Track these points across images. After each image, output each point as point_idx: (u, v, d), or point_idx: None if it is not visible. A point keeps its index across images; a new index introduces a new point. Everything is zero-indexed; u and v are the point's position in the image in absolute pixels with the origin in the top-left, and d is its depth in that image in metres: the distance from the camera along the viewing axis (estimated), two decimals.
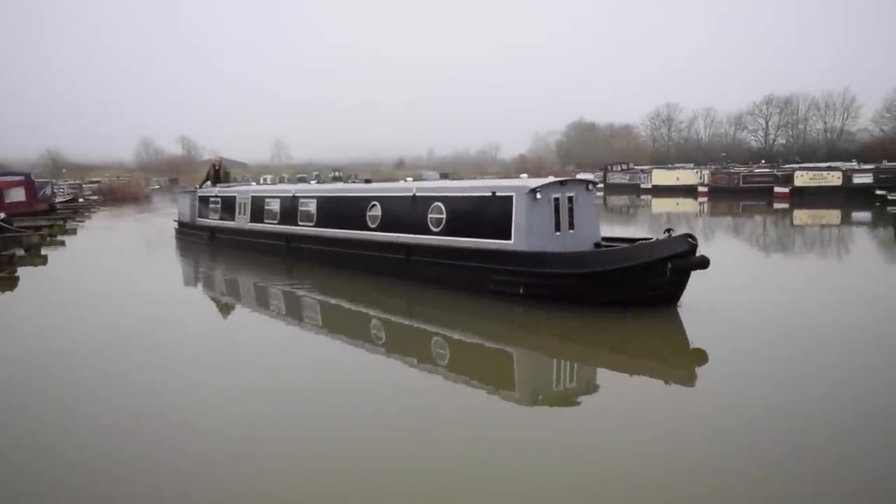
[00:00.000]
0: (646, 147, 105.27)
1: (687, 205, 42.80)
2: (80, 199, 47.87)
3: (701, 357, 8.68)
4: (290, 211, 17.25)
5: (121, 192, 58.11)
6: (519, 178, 13.71)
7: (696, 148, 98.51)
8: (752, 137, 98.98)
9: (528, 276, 11.06)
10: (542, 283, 10.95)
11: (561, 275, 10.78)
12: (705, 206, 42.05)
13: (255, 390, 7.61)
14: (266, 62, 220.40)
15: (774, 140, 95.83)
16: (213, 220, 21.06)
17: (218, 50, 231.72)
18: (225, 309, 13.29)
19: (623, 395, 7.43)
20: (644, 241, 10.91)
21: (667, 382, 7.86)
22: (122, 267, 18.01)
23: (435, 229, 12.81)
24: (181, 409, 6.99)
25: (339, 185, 20.09)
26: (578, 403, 7.32)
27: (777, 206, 39.54)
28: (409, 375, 8.36)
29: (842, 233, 26.47)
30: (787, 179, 45.23)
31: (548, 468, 5.48)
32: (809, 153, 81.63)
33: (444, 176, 78.20)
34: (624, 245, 11.34)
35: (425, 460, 5.77)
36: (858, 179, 42.53)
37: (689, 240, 10.02)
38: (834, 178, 43.43)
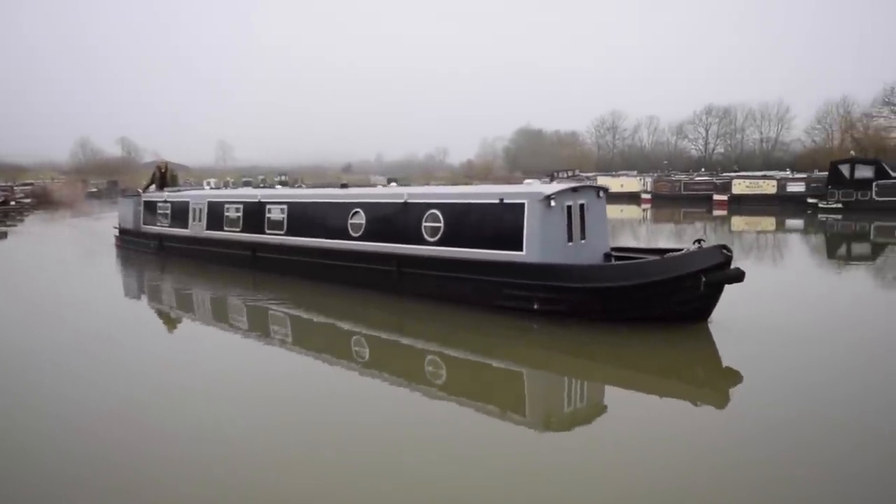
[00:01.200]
0: (591, 154, 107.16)
1: (631, 211, 43.73)
2: (12, 202, 46.02)
3: (734, 377, 8.02)
4: (255, 218, 15.80)
5: (56, 194, 56.13)
6: (525, 183, 13.20)
7: (639, 156, 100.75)
8: (693, 146, 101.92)
9: (544, 290, 10.16)
10: (561, 297, 10.06)
11: (584, 289, 9.89)
12: (648, 212, 43.07)
13: (226, 398, 7.32)
14: (211, 63, 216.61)
15: (714, 149, 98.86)
16: (162, 228, 19.25)
17: (161, 49, 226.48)
18: (187, 322, 12.08)
19: (645, 415, 6.80)
20: (674, 253, 10.07)
21: (696, 404, 7.26)
22: (61, 274, 17.19)
23: (431, 239, 11.77)
24: (155, 414, 6.81)
25: (312, 190, 18.74)
26: (598, 425, 6.69)
27: (716, 212, 40.71)
28: (402, 392, 7.71)
29: (809, 239, 27.43)
30: (726, 187, 46.67)
31: (557, 494, 5.06)
32: (746, 162, 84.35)
33: (391, 181, 78.07)
34: (651, 257, 10.58)
35: (413, 476, 5.37)
36: (792, 188, 44.15)
37: (724, 251, 9.40)
38: (769, 187, 45.04)
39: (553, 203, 10.52)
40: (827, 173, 41.21)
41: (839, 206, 37.57)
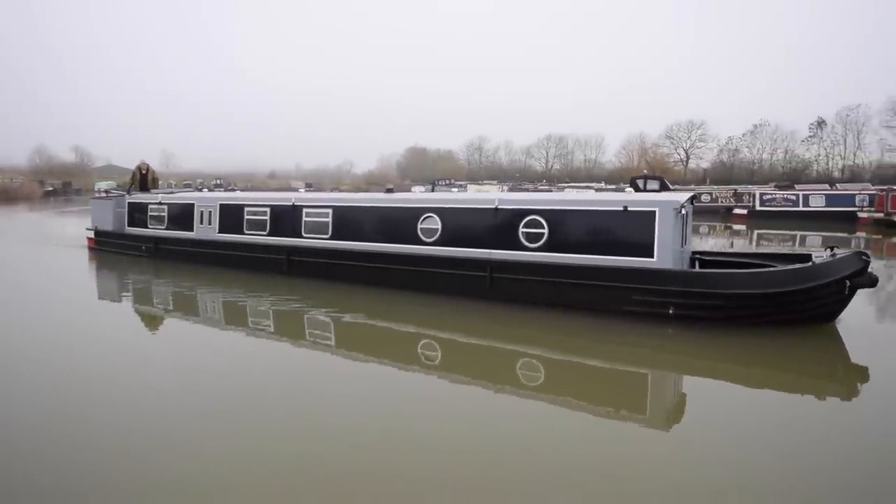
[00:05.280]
0: (463, 168, 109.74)
1: None
2: None
3: (864, 374, 6.61)
4: (288, 221, 12.42)
5: (14, 193, 50.60)
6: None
7: (499, 170, 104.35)
8: (538, 163, 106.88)
9: (681, 295, 8.28)
10: (701, 303, 8.21)
11: (733, 295, 8.08)
12: None
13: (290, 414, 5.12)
14: (156, 75, 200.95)
15: (552, 166, 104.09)
16: (156, 230, 14.97)
17: (111, 62, 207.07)
18: (232, 330, 8.33)
19: (792, 413, 5.40)
20: (819, 260, 8.37)
21: (820, 397, 5.94)
22: (51, 272, 13.24)
23: (531, 245, 9.44)
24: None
25: (361, 195, 15.00)
26: (735, 421, 5.17)
27: None
28: (536, 402, 5.61)
29: None
30: None
31: (687, 488, 3.94)
32: (575, 176, 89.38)
33: (308, 186, 76.02)
34: (796, 264, 8.64)
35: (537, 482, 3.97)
36: None
37: (864, 258, 8.05)
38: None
39: (683, 211, 8.91)
40: (629, 185, 44.22)
41: None
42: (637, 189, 41.68)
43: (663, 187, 40.89)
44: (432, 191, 62.75)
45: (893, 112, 73.36)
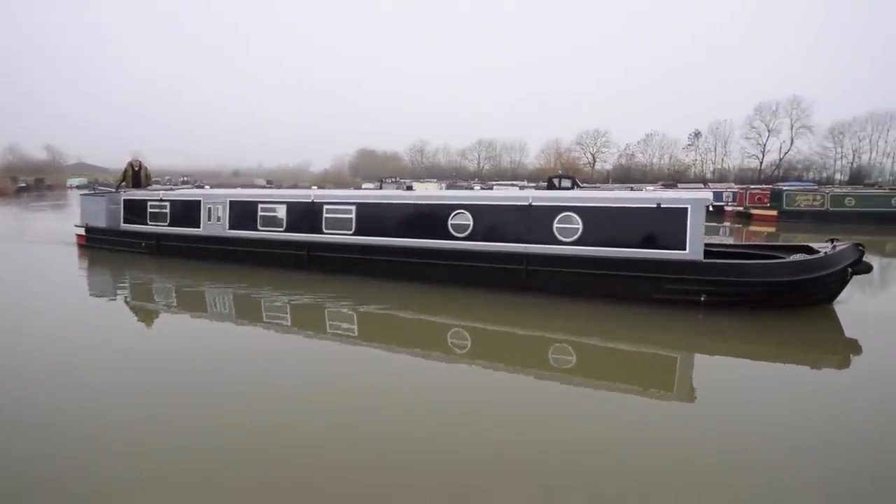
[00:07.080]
0: (407, 167, 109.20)
1: None
2: None
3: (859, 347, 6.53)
4: (307, 217, 11.04)
5: None
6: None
7: (438, 169, 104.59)
8: (471, 164, 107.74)
9: (712, 283, 8.00)
10: (735, 290, 7.95)
11: (759, 283, 7.89)
12: None
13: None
14: (119, 77, 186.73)
15: (483, 167, 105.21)
16: (159, 227, 13.00)
17: (83, 62, 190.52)
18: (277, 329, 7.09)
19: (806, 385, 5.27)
20: (831, 251, 8.27)
21: (813, 367, 5.87)
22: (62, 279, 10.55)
23: (566, 239, 8.87)
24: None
25: (384, 192, 13.40)
26: (741, 399, 4.83)
27: None
28: (561, 386, 5.13)
29: None
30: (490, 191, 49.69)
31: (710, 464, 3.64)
32: (503, 175, 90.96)
33: (269, 182, 73.57)
34: (803, 255, 8.54)
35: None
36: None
37: (860, 248, 8.07)
38: (515, 191, 48.63)
39: (710, 208, 8.28)
40: (546, 183, 45.51)
41: None
42: (552, 187, 42.91)
43: (574, 185, 42.40)
44: (380, 188, 62.30)
45: (750, 126, 79.67)
